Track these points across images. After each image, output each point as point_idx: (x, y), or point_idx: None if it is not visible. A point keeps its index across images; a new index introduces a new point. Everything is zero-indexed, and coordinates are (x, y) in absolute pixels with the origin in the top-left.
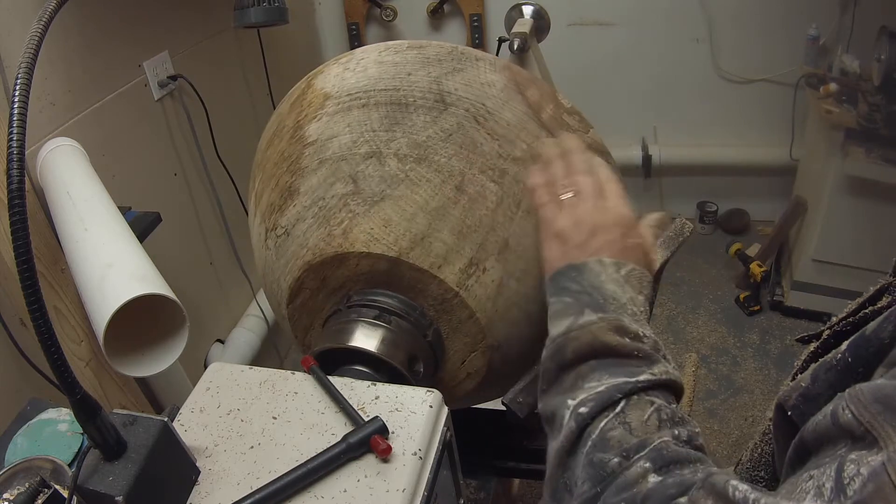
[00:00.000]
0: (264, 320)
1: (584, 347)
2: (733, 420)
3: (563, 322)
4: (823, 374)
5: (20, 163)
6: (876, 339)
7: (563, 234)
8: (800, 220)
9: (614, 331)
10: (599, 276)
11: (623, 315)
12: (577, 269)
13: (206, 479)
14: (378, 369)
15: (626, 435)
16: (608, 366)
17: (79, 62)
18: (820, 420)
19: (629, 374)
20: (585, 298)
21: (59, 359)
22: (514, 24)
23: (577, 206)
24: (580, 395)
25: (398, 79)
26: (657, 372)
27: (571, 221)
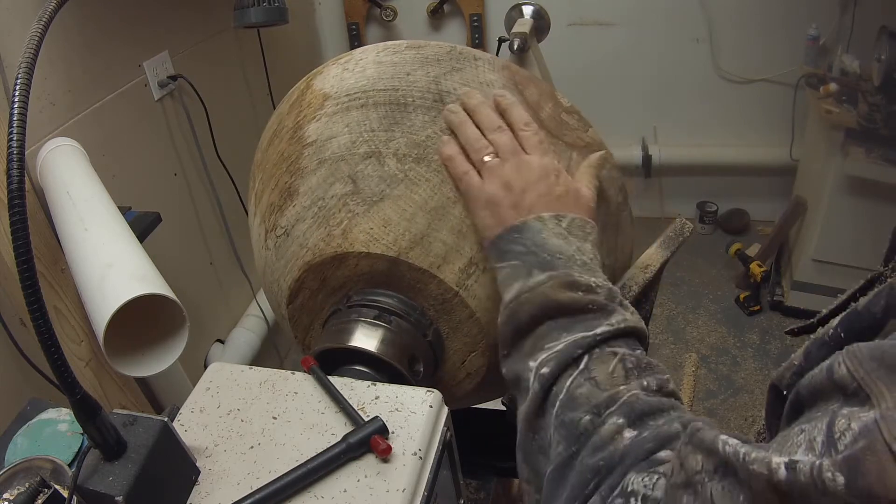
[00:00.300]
0: (264, 320)
1: (537, 309)
2: (733, 420)
3: (514, 286)
4: (816, 351)
5: (20, 163)
6: (868, 315)
7: (493, 200)
8: (800, 220)
9: (565, 287)
10: (541, 232)
11: (572, 268)
12: (518, 229)
13: (206, 479)
14: (378, 369)
15: (594, 390)
16: (565, 324)
17: (79, 62)
18: (815, 374)
19: (587, 329)
20: (531, 259)
21: (59, 359)
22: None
23: (498, 168)
24: (540, 355)
25: (397, 79)
26: (615, 322)
27: (498, 185)
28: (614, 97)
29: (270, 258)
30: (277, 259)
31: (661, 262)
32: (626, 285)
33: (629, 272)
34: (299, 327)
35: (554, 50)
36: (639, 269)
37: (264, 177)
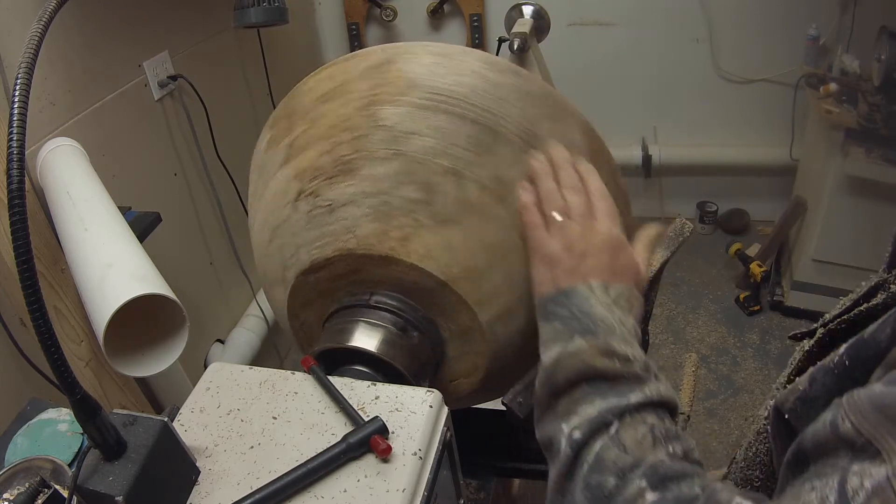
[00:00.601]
0: (264, 320)
1: (574, 374)
2: (733, 420)
3: (554, 349)
4: (821, 378)
5: (20, 163)
6: (874, 343)
7: (553, 258)
8: (800, 220)
9: (603, 355)
10: (588, 300)
11: (612, 338)
12: (567, 294)
13: (206, 479)
14: (378, 369)
15: (622, 455)
16: (599, 389)
17: (79, 62)
18: (819, 429)
19: (620, 396)
20: (575, 324)
21: (59, 359)
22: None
23: (566, 228)
24: (574, 420)
25: (494, 102)
26: (648, 392)
27: (561, 245)
28: (614, 97)
29: (297, 220)
30: (307, 227)
31: (661, 262)
32: None
33: None
34: (298, 299)
35: (554, 50)
36: None
37: (310, 129)
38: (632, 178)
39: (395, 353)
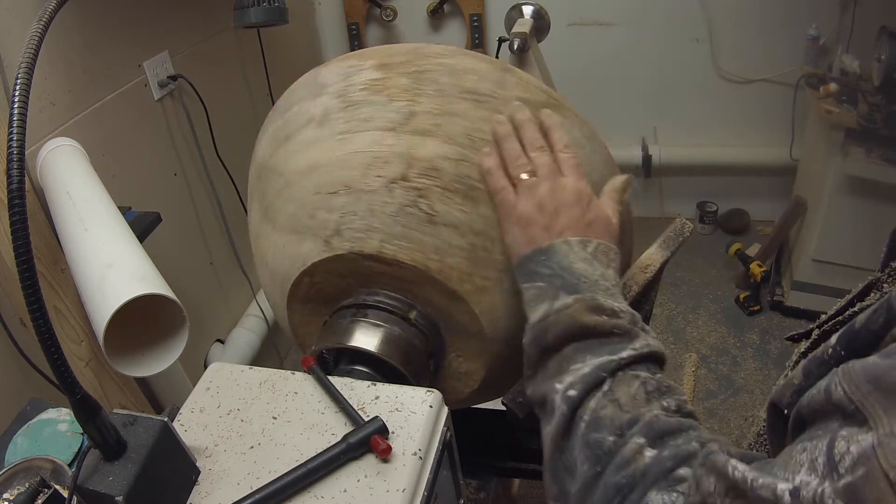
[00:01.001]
0: (264, 320)
1: (563, 331)
2: (733, 420)
3: (540, 307)
4: (816, 370)
5: (20, 163)
6: (866, 332)
7: (525, 218)
8: (800, 220)
9: (591, 311)
10: (567, 256)
11: (597, 292)
12: (545, 252)
13: (206, 479)
14: (378, 369)
15: (617, 412)
16: (590, 346)
17: (79, 62)
18: (814, 394)
19: (611, 352)
20: (558, 281)
21: (59, 359)
22: (514, 24)
23: (535, 187)
24: (567, 378)
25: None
26: (638, 346)
27: (532, 205)
28: (614, 97)
29: (383, 201)
30: (394, 217)
31: (661, 262)
32: (626, 285)
33: (629, 272)
34: (319, 271)
35: (554, 50)
36: (639, 269)
37: (442, 118)
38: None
39: (395, 353)
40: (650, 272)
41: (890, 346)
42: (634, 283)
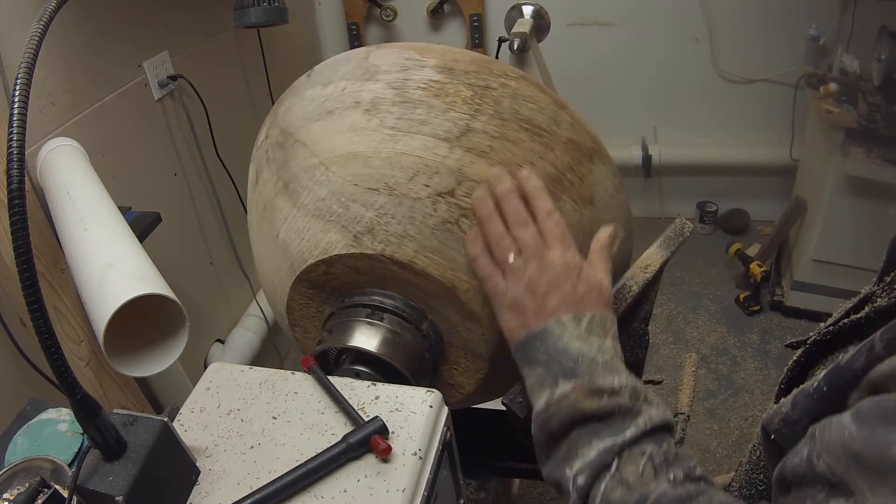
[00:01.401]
0: (264, 320)
1: (566, 419)
2: (733, 420)
3: (542, 395)
4: (802, 401)
5: (20, 163)
6: (848, 370)
7: (516, 304)
8: (800, 220)
9: (590, 395)
10: (562, 337)
11: (595, 372)
12: (538, 336)
13: (206, 479)
14: (378, 369)
15: (626, 493)
16: (594, 430)
17: (79, 62)
18: (797, 463)
19: (615, 433)
20: (555, 366)
21: (59, 359)
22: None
23: (522, 269)
24: (576, 464)
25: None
26: (641, 423)
27: (521, 288)
28: (614, 97)
29: (425, 212)
30: (433, 231)
31: (661, 262)
32: (626, 285)
33: (629, 272)
34: (337, 265)
35: (554, 50)
36: (639, 269)
37: (500, 142)
38: (632, 178)
39: (394, 353)
40: (650, 272)
41: (862, 406)
42: (634, 283)
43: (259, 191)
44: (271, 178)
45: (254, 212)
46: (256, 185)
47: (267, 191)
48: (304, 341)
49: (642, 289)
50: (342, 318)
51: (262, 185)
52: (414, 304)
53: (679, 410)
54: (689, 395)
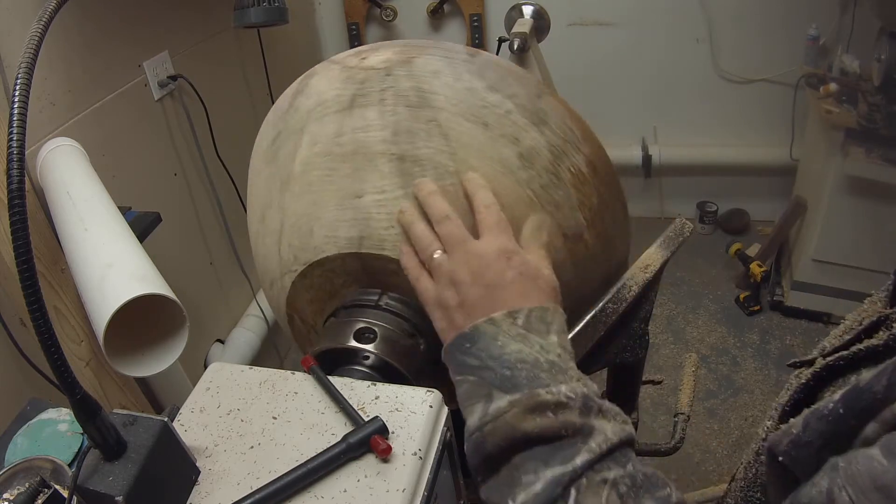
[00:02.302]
0: (264, 320)
1: (504, 441)
2: (733, 420)
3: (475, 410)
4: (815, 423)
5: (20, 163)
6: (868, 392)
7: (442, 302)
8: (800, 220)
9: (531, 412)
10: (496, 339)
11: (538, 378)
12: (469, 337)
13: (206, 479)
14: (378, 369)
15: None
16: (540, 455)
17: (79, 62)
18: (814, 495)
19: (564, 460)
20: (489, 375)
21: (59, 359)
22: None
23: (445, 263)
24: (519, 495)
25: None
26: (595, 445)
27: (445, 283)
28: (614, 97)
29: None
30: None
31: (661, 262)
32: (625, 285)
33: (629, 272)
34: (353, 259)
35: (554, 50)
36: (639, 269)
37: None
38: (632, 178)
39: (394, 353)
40: (650, 272)
41: (893, 438)
42: (634, 283)
43: (278, 163)
44: (290, 156)
45: (266, 180)
46: (275, 154)
47: (283, 168)
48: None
49: (642, 289)
50: (342, 318)
51: (282, 153)
52: (414, 304)
53: (679, 410)
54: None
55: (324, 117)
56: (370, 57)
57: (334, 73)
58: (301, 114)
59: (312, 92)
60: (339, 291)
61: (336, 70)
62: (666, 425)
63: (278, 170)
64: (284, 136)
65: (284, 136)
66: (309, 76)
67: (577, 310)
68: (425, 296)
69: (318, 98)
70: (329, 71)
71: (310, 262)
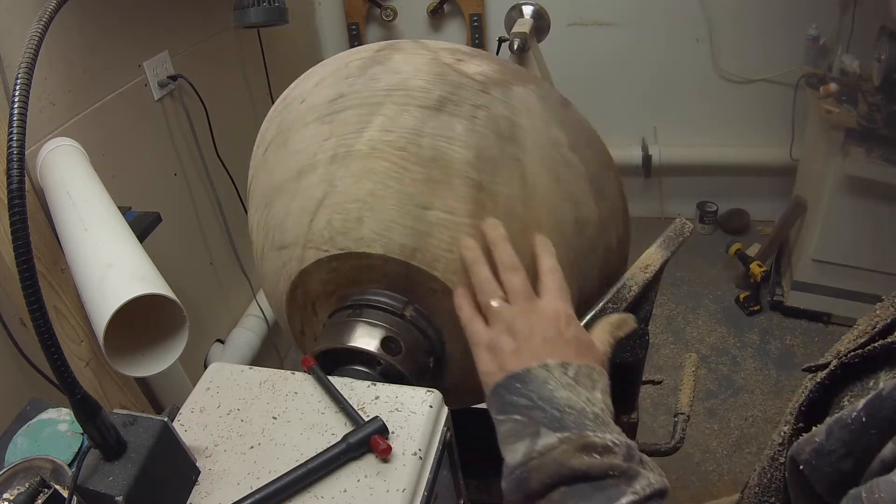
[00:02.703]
0: (264, 320)
1: (550, 478)
2: (733, 420)
3: (519, 447)
4: (837, 431)
5: (20, 163)
6: (890, 401)
7: (494, 345)
8: (800, 220)
9: (580, 450)
10: (547, 383)
11: (585, 425)
12: (521, 378)
13: (206, 479)
14: (388, 377)
15: None
16: (583, 493)
17: (79, 62)
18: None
19: (609, 500)
20: (538, 414)
21: (59, 359)
22: (514, 24)
23: (504, 311)
24: None
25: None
26: (639, 488)
27: (501, 329)
28: (614, 97)
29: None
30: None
31: (661, 262)
32: (625, 285)
33: (629, 272)
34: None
35: (554, 50)
36: (639, 269)
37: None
38: (632, 178)
39: (394, 354)
40: (650, 272)
41: None
42: (634, 283)
43: (300, 152)
44: (316, 144)
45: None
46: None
47: (304, 153)
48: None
49: (642, 289)
50: (343, 318)
51: (308, 134)
52: (415, 304)
53: (679, 410)
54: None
55: (405, 106)
56: (466, 62)
57: (423, 60)
58: (377, 88)
59: (394, 68)
60: (362, 282)
61: (426, 58)
62: (666, 425)
63: (333, 134)
64: (352, 102)
65: (352, 103)
66: (393, 49)
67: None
68: (476, 337)
69: (401, 80)
70: (417, 55)
71: (349, 251)
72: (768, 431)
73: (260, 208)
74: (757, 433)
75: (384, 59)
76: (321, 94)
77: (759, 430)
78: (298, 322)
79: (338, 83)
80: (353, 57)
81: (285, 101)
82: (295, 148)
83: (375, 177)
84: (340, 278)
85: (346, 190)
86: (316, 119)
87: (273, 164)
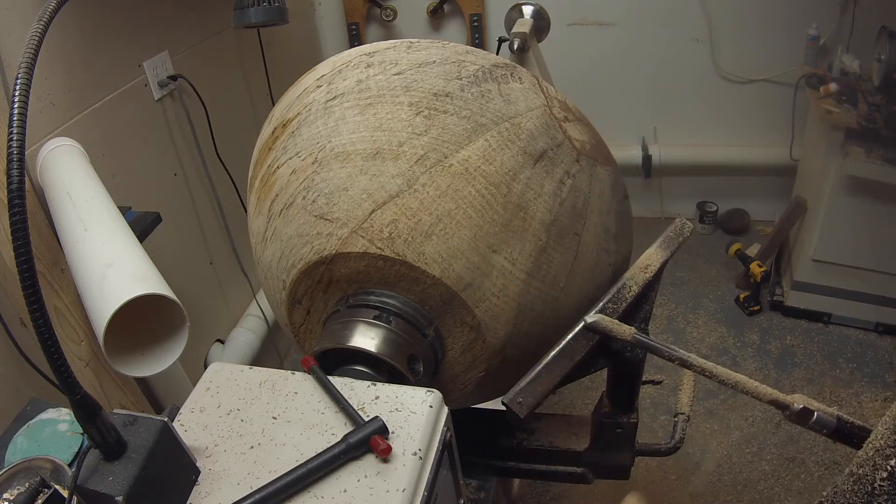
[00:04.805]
0: (264, 320)
1: None
2: (733, 420)
3: None
4: None
5: (20, 163)
6: None
7: None
8: (800, 220)
9: None
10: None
11: None
12: None
13: (206, 479)
14: (378, 369)
15: None
16: None
17: (79, 62)
18: None
19: None
20: None
21: (59, 359)
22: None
23: None
24: None
25: None
26: None
27: None
28: (614, 97)
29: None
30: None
31: (661, 262)
32: (626, 285)
33: (629, 272)
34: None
35: (554, 50)
36: (639, 269)
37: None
38: (632, 178)
39: (394, 353)
40: (650, 272)
41: None
42: (634, 283)
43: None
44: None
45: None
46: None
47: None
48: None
49: (642, 289)
50: (343, 318)
51: (394, 111)
52: (418, 305)
53: (679, 410)
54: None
55: (511, 142)
56: (572, 124)
57: (537, 103)
58: (487, 109)
59: (509, 96)
60: (395, 286)
61: (539, 102)
62: (666, 425)
63: (429, 132)
64: (458, 107)
65: (457, 109)
66: (510, 71)
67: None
68: None
69: (514, 112)
70: (535, 94)
71: (404, 260)
72: (768, 431)
73: (307, 155)
74: (757, 433)
75: (501, 80)
76: (425, 81)
77: (759, 430)
78: (304, 290)
79: (447, 79)
80: (468, 59)
81: (371, 56)
82: (379, 120)
83: (460, 200)
84: (376, 275)
85: (425, 199)
86: (412, 104)
87: (340, 119)
